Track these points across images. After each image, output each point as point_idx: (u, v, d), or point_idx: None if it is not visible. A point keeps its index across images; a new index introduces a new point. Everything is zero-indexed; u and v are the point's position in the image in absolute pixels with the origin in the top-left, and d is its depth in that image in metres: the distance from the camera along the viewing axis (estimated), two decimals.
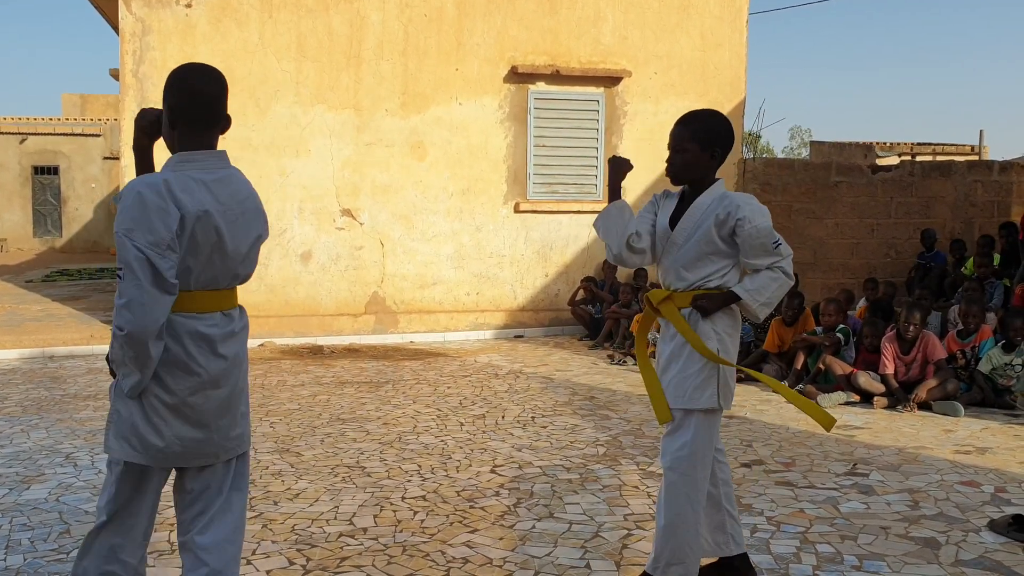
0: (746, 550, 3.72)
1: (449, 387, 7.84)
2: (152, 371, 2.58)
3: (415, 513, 4.55)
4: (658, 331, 9.33)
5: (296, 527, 4.34)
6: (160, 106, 2.76)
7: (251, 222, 2.75)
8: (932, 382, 6.97)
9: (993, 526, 4.34)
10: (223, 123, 2.77)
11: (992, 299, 9.06)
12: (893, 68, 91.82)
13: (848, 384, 7.27)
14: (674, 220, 3.51)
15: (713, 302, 3.42)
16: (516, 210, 11.13)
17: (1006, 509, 4.61)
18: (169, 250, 2.53)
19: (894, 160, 17.74)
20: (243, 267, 2.76)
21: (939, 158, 19.11)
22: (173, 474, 2.84)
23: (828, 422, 3.37)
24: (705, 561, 3.72)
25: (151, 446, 2.65)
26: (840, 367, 7.40)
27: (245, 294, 10.29)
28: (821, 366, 7.58)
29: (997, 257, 10.34)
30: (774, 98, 71.65)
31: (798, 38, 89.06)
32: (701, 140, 3.43)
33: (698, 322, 3.44)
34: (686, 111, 3.63)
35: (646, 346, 3.72)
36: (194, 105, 2.69)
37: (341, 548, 4.08)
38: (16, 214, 27.11)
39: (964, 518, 4.50)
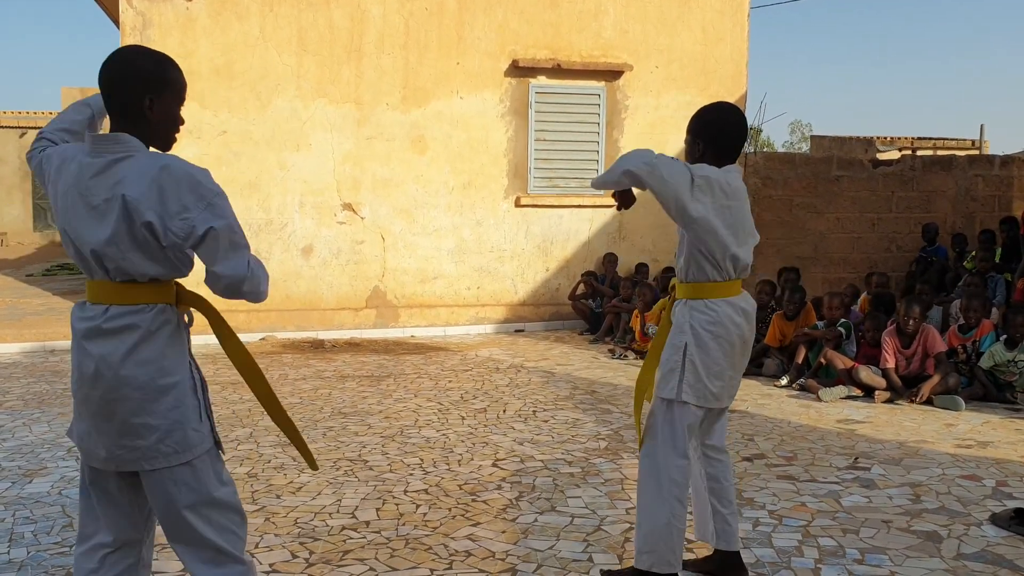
0: (738, 549, 3.64)
1: (450, 381, 7.85)
2: None
3: (417, 506, 4.55)
4: (657, 324, 9.31)
5: (299, 520, 4.34)
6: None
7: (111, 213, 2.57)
8: (935, 378, 6.97)
9: (995, 520, 4.34)
10: (124, 113, 2.53)
11: (995, 295, 9.05)
12: (894, 62, 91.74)
13: (849, 378, 7.28)
14: None
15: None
16: (517, 204, 11.12)
17: (1007, 503, 4.61)
18: None
19: (895, 154, 17.72)
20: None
21: (940, 152, 19.12)
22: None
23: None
24: (705, 551, 3.74)
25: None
26: (841, 361, 7.40)
27: None
28: (822, 360, 7.58)
29: (998, 252, 10.34)
30: (775, 92, 71.55)
31: (799, 32, 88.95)
32: (691, 131, 3.54)
33: (678, 314, 3.47)
34: (687, 105, 3.67)
35: (663, 338, 3.64)
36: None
37: (344, 541, 4.09)
38: (16, 208, 27.11)
39: (966, 512, 4.50)
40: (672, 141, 11.43)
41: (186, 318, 2.60)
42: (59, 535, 4.16)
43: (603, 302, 10.60)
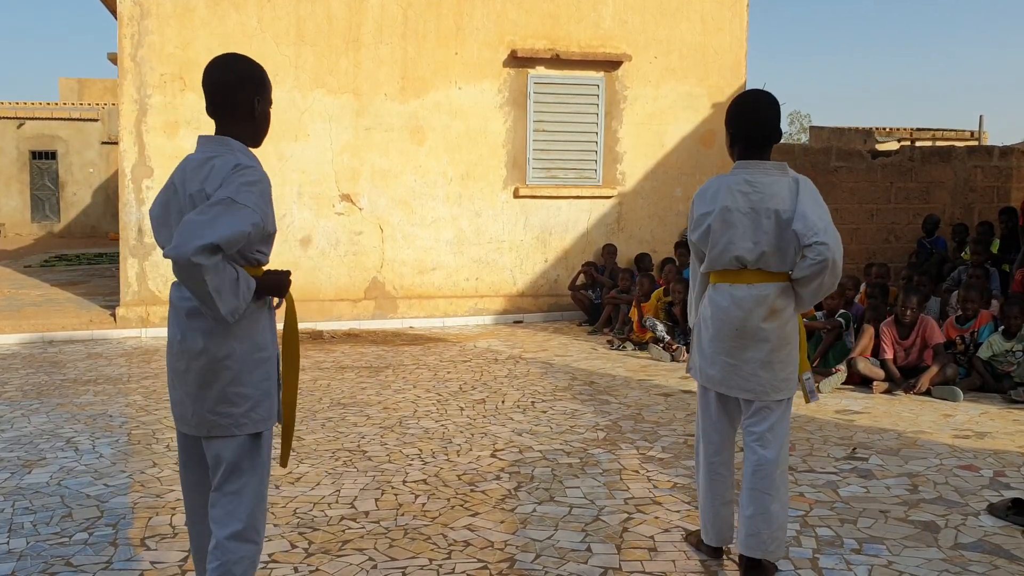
0: (721, 545, 3.80)
1: (449, 372, 7.85)
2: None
3: (416, 497, 4.56)
4: (656, 317, 9.24)
5: (298, 511, 4.35)
6: (156, 92, 2.81)
7: (199, 203, 2.74)
8: (934, 369, 6.97)
9: (992, 510, 4.36)
10: (232, 112, 2.84)
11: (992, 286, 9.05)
12: (892, 53, 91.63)
13: (848, 366, 7.26)
14: None
15: None
16: (515, 195, 11.11)
17: (1005, 493, 4.62)
18: None
19: (893, 145, 17.71)
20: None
21: (939, 143, 19.08)
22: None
23: None
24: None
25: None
26: (869, 335, 7.28)
27: None
28: (818, 356, 7.58)
29: (996, 243, 10.34)
30: (774, 83, 71.45)
31: (798, 22, 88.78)
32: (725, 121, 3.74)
33: None
34: (686, 95, 3.72)
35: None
36: (205, 97, 2.88)
37: (343, 531, 4.09)
38: (14, 199, 27.05)
39: (963, 502, 4.51)
40: (670, 132, 11.42)
41: (275, 300, 2.92)
42: (58, 525, 4.16)
43: (602, 293, 10.60)
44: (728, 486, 3.74)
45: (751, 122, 3.53)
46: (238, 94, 2.81)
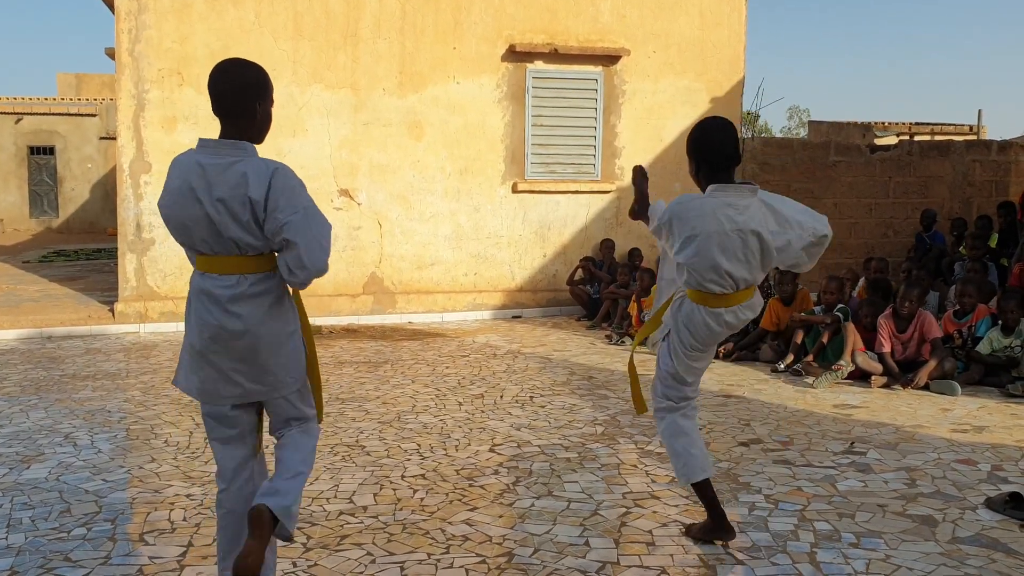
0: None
1: (448, 367, 7.85)
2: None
3: (415, 491, 4.57)
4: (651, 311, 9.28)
5: None
6: (153, 87, 2.87)
7: (234, 206, 3.00)
8: (932, 363, 6.97)
9: (990, 504, 4.36)
10: (239, 115, 3.08)
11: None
12: (891, 48, 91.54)
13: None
14: None
15: None
16: (514, 190, 11.10)
17: (1003, 487, 4.63)
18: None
19: (892, 140, 17.70)
20: (242, 238, 3.01)
21: (937, 138, 19.09)
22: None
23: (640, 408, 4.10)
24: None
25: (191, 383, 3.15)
26: (854, 335, 7.31)
27: None
28: (824, 340, 7.58)
29: (995, 237, 10.35)
30: (773, 77, 71.56)
31: (797, 17, 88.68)
32: (687, 150, 3.85)
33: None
34: (684, 90, 3.78)
35: None
36: (212, 100, 3.09)
37: (341, 526, 4.10)
38: (12, 194, 27.01)
39: (961, 496, 4.52)
40: (669, 127, 11.41)
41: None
42: (57, 520, 4.16)
43: (601, 288, 10.60)
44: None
45: (713, 150, 3.70)
46: (245, 100, 3.06)
